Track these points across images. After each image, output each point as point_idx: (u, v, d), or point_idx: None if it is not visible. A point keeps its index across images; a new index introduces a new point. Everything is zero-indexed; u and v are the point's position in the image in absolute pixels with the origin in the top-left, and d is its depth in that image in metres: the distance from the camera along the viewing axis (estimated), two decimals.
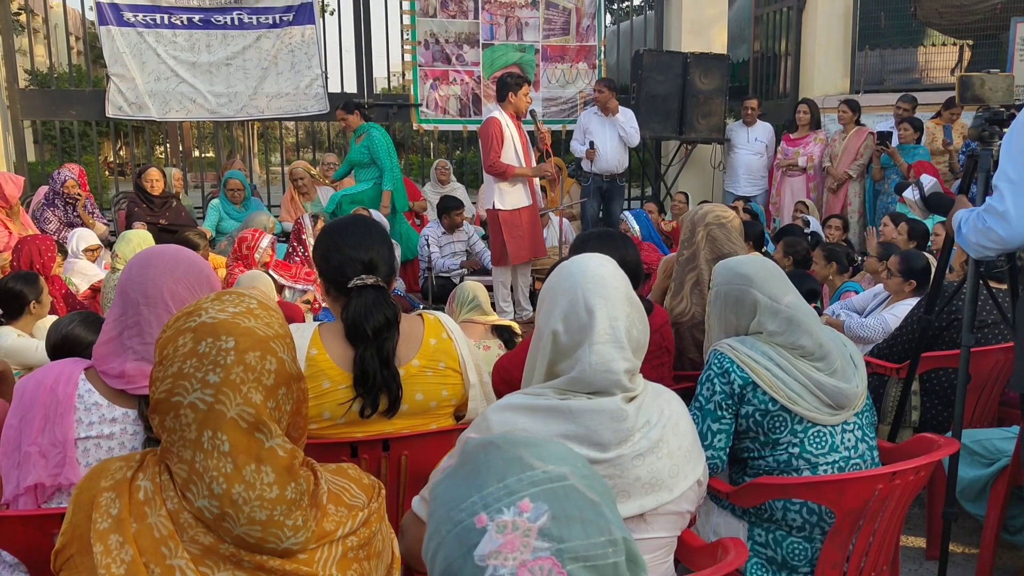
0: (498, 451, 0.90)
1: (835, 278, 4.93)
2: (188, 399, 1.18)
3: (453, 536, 0.86)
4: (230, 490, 1.15)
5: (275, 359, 1.23)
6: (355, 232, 2.11)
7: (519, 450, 0.89)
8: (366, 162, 6.82)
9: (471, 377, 2.13)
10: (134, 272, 1.75)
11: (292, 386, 1.26)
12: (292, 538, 1.17)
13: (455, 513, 0.87)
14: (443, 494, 0.90)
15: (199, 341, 1.20)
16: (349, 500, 1.31)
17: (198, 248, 5.08)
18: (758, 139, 8.26)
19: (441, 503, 0.90)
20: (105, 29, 7.72)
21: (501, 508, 0.84)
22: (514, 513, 0.83)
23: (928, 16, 9.30)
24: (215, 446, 1.16)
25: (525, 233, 6.09)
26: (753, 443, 2.16)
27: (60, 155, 9.35)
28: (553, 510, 0.84)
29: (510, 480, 0.86)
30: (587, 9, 8.88)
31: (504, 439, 0.92)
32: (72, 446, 1.64)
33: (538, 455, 0.89)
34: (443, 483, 0.92)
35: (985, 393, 3.35)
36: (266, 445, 1.18)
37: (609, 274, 1.62)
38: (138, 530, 1.18)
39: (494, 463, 0.89)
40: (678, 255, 3.19)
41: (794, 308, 2.15)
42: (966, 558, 3.16)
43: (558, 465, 0.88)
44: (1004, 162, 2.24)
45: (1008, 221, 2.21)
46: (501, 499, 0.85)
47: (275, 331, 1.25)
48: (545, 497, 0.85)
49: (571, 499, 0.86)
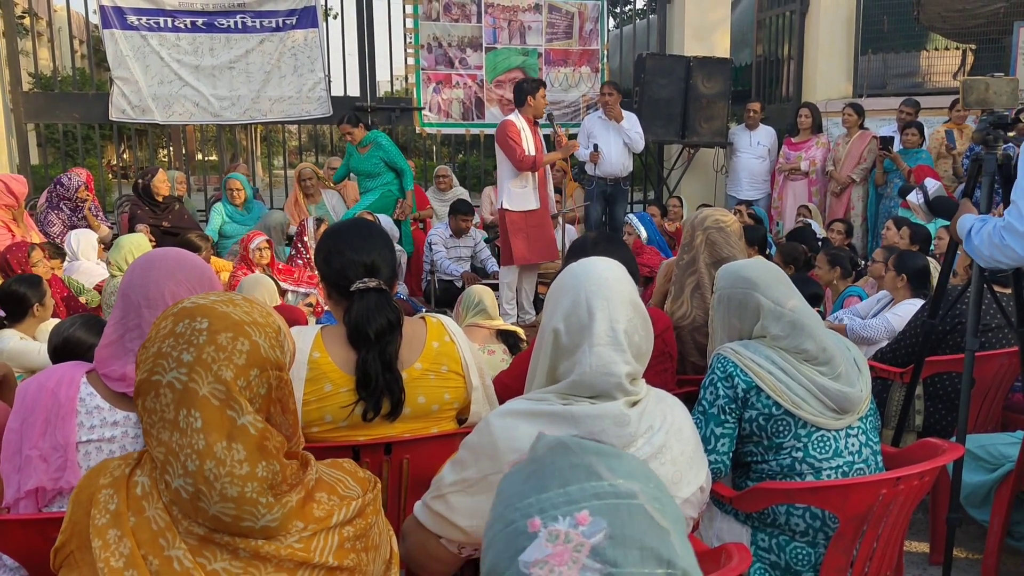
0: (567, 454, 0.83)
1: (839, 282, 4.92)
2: (166, 378, 1.22)
3: (503, 536, 0.80)
4: (202, 466, 1.17)
5: (248, 341, 1.26)
6: (357, 235, 2.11)
7: (590, 457, 0.82)
8: (376, 172, 6.85)
9: (474, 380, 2.12)
10: (136, 275, 1.75)
11: (268, 370, 1.28)
12: (268, 515, 1.19)
13: (509, 512, 0.81)
14: (505, 489, 0.85)
15: (177, 322, 1.26)
16: (343, 491, 1.32)
17: (200, 250, 5.08)
18: (760, 143, 8.26)
19: (501, 499, 0.84)
20: (109, 32, 7.74)
21: (557, 516, 0.77)
22: (570, 524, 0.76)
23: (931, 20, 9.29)
24: (189, 424, 1.19)
25: (531, 236, 6.13)
26: (756, 447, 2.16)
27: (63, 158, 9.36)
28: (612, 529, 0.76)
29: (572, 488, 0.79)
30: (590, 13, 8.89)
31: (578, 442, 0.85)
32: (73, 450, 1.64)
33: (609, 466, 0.81)
34: (508, 478, 0.86)
35: (989, 398, 3.34)
36: (238, 422, 1.21)
37: (614, 278, 1.62)
38: (136, 523, 1.20)
39: (560, 466, 0.82)
40: (678, 259, 3.19)
41: (798, 312, 2.15)
42: (970, 563, 3.15)
43: (629, 480, 0.81)
44: (1022, 178, 2.20)
45: None
46: (559, 506, 0.78)
47: (253, 318, 1.29)
48: (607, 513, 0.77)
49: (635, 521, 0.78)
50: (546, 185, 6.31)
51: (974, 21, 9.05)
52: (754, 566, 2.14)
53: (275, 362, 1.29)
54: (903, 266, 4.06)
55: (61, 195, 6.39)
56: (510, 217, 6.11)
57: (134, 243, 4.87)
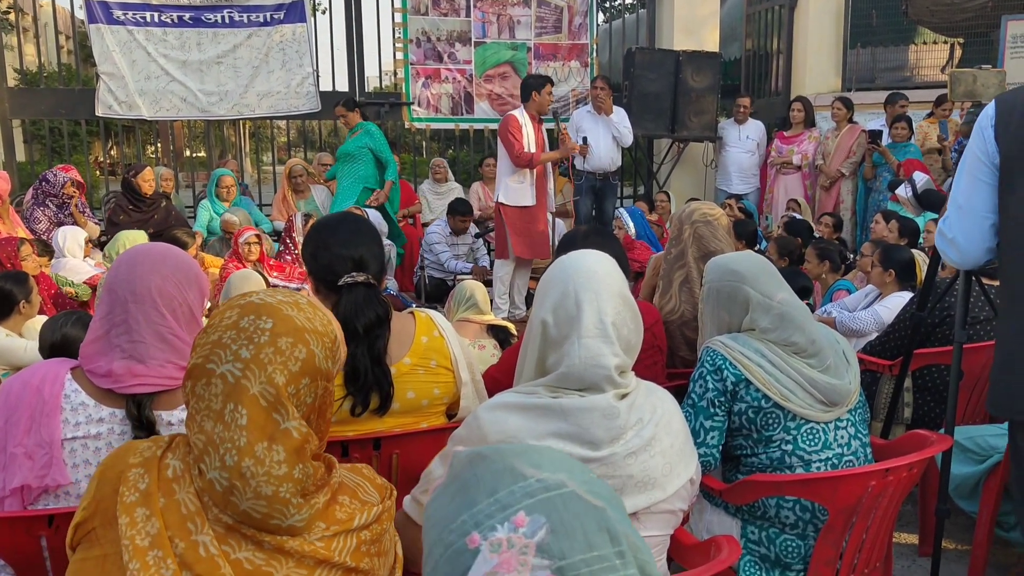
0: (486, 463, 0.82)
1: (828, 276, 4.94)
2: (220, 369, 1.22)
3: (445, 560, 0.78)
4: (240, 463, 1.18)
5: (306, 349, 1.26)
6: (344, 229, 2.10)
7: (510, 460, 0.82)
8: (356, 156, 6.82)
9: (463, 375, 2.12)
10: (121, 270, 1.73)
11: (318, 380, 1.29)
12: (296, 515, 1.20)
13: (445, 535, 0.79)
14: (433, 514, 0.83)
15: (243, 316, 1.26)
16: (363, 496, 1.34)
17: (187, 246, 5.06)
18: (749, 137, 8.27)
19: (432, 524, 0.83)
20: (95, 27, 7.68)
21: (494, 525, 0.76)
22: (508, 529, 0.75)
23: (919, 14, 9.33)
24: (234, 419, 1.20)
25: (525, 231, 6.19)
26: (746, 440, 2.16)
27: (50, 154, 9.29)
28: (552, 522, 0.76)
29: (502, 493, 0.78)
30: (579, 7, 8.87)
31: (493, 449, 0.85)
32: (59, 447, 1.63)
33: (532, 463, 0.81)
34: (433, 503, 0.85)
35: (978, 389, 3.35)
36: (281, 426, 1.21)
37: (604, 271, 1.62)
38: (165, 505, 1.21)
39: (483, 476, 0.81)
40: (665, 253, 3.19)
41: (786, 305, 2.15)
42: (959, 555, 3.16)
43: (554, 472, 0.80)
44: (955, 185, 2.22)
45: (958, 248, 2.20)
46: (493, 515, 0.77)
47: (314, 326, 1.29)
48: (542, 508, 0.76)
49: (571, 508, 0.77)
50: (545, 183, 6.34)
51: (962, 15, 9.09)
52: (744, 558, 2.14)
53: (326, 372, 1.31)
54: (889, 261, 4.08)
55: (47, 191, 6.34)
56: (505, 211, 6.20)
57: (131, 238, 4.86)
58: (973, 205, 2.13)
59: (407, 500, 1.65)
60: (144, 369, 1.66)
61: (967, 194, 2.14)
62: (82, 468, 1.64)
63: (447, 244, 7.07)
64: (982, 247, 2.17)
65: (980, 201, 2.12)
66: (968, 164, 2.14)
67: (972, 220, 2.14)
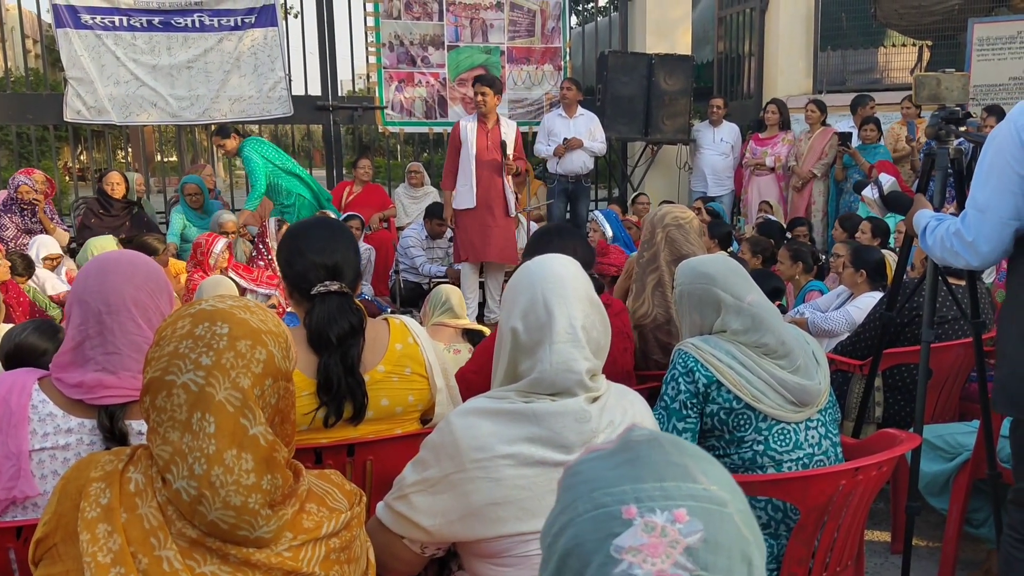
0: (662, 451, 0.82)
1: (800, 277, 4.98)
2: (181, 379, 1.21)
3: (591, 518, 0.78)
4: (209, 471, 1.17)
5: (265, 351, 1.26)
6: (320, 236, 2.07)
7: (686, 458, 0.82)
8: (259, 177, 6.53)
9: (438, 382, 2.11)
10: (91, 280, 1.71)
11: (280, 381, 1.29)
12: (265, 526, 1.20)
13: (600, 495, 0.79)
14: (588, 472, 0.83)
15: (196, 324, 1.25)
16: (332, 503, 1.33)
17: (158, 252, 5.01)
18: (724, 140, 8.32)
19: (583, 480, 0.82)
20: (62, 32, 7.58)
21: (654, 508, 0.76)
22: (667, 519, 0.75)
23: (888, 17, 9.45)
24: (202, 427, 1.18)
25: (471, 234, 6.22)
26: (718, 442, 2.17)
27: (18, 160, 9.16)
28: (707, 533, 0.75)
29: (669, 484, 0.78)
30: (552, 11, 8.90)
31: (673, 441, 0.85)
32: (26, 458, 1.61)
33: (704, 471, 0.81)
34: (591, 462, 0.84)
35: (946, 388, 3.40)
36: (249, 432, 1.21)
37: (570, 275, 1.63)
38: (128, 520, 1.19)
39: (656, 461, 0.81)
40: (638, 257, 3.20)
41: (757, 306, 2.16)
42: (930, 551, 3.20)
43: (721, 488, 0.80)
44: (973, 186, 2.20)
45: (976, 250, 2.19)
46: (656, 499, 0.77)
47: (268, 327, 1.29)
48: (702, 516, 0.76)
49: (726, 528, 0.77)
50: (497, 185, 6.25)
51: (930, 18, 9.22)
52: None
53: (285, 372, 1.30)
54: (860, 262, 4.13)
55: (12, 197, 6.26)
56: (456, 215, 6.32)
57: (100, 245, 4.78)
58: (996, 209, 2.12)
59: (380, 506, 1.64)
60: (115, 380, 1.65)
61: (990, 197, 2.13)
62: (50, 479, 1.62)
63: (422, 248, 7.06)
64: (1000, 250, 2.17)
65: (1004, 206, 2.11)
66: (997, 169, 2.12)
67: (993, 224, 2.13)
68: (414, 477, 1.57)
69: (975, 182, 2.20)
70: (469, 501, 1.51)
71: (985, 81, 8.08)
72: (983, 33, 8.13)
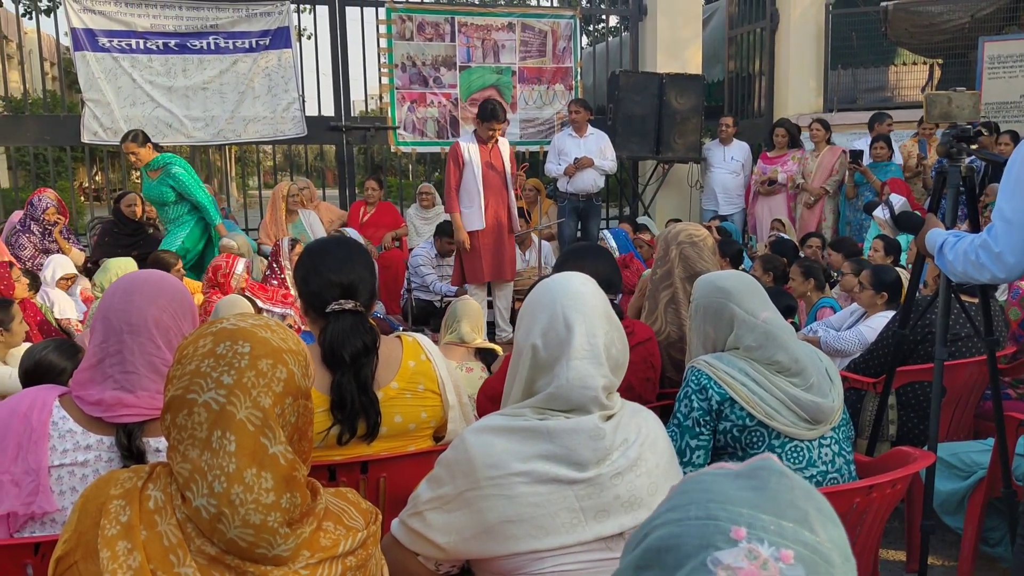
0: (790, 491, 0.82)
1: (812, 294, 4.97)
2: (203, 397, 1.22)
3: (699, 524, 0.79)
4: (229, 490, 1.17)
5: (286, 369, 1.27)
6: (336, 255, 2.10)
7: (809, 505, 0.81)
8: (164, 201, 6.22)
9: (450, 399, 2.12)
10: (117, 299, 1.73)
11: (299, 400, 1.30)
12: (283, 545, 1.20)
13: (715, 507, 0.79)
14: (711, 483, 0.83)
15: (218, 343, 1.25)
16: (348, 522, 1.34)
17: (172, 267, 5.05)
18: (734, 158, 8.34)
19: (703, 488, 0.83)
20: (80, 55, 7.69)
21: (763, 539, 0.76)
22: (773, 554, 0.75)
23: (899, 35, 9.46)
24: (222, 446, 1.19)
25: (478, 255, 6.24)
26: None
27: (34, 181, 9.27)
28: None
29: (786, 524, 0.78)
30: (563, 31, 8.96)
31: (805, 487, 0.84)
32: (46, 474, 1.62)
33: (823, 525, 0.81)
34: (716, 476, 0.85)
35: (961, 406, 3.38)
36: (270, 451, 1.21)
37: (589, 292, 1.64)
38: (147, 537, 1.20)
39: (782, 498, 0.81)
40: (652, 274, 3.21)
41: (771, 323, 2.17)
42: (946, 571, 3.18)
43: (833, 547, 0.80)
44: (1000, 199, 2.20)
45: (1003, 262, 2.18)
46: (769, 532, 0.77)
47: (288, 346, 1.30)
48: (808, 564, 0.76)
49: None
50: (504, 205, 6.31)
51: (940, 36, 9.23)
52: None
53: (304, 391, 1.31)
54: (881, 284, 4.07)
55: (32, 216, 6.33)
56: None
57: (121, 266, 4.82)
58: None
59: (395, 523, 1.65)
60: (134, 399, 1.67)
61: (1018, 209, 2.13)
62: (69, 495, 1.64)
63: (432, 266, 7.07)
64: None
65: None
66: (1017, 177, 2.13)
67: (1022, 235, 2.13)
68: (429, 494, 1.58)
69: (1002, 194, 2.20)
70: (483, 518, 1.51)
71: (996, 99, 8.08)
72: (993, 51, 8.14)
